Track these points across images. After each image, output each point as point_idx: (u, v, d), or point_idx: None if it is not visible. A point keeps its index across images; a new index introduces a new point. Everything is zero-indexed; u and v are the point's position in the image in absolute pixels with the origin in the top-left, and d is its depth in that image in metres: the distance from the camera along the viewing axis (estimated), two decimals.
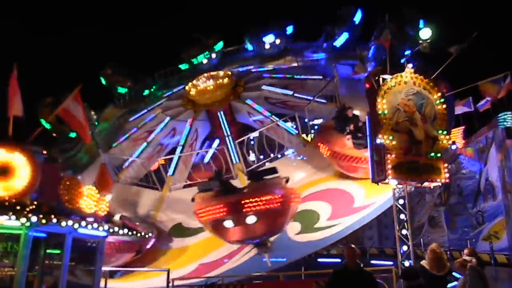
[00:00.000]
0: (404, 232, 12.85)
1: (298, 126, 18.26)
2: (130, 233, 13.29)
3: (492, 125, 19.57)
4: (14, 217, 8.92)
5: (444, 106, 12.64)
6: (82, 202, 10.35)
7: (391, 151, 12.08)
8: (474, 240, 19.83)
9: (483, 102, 20.07)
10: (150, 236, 15.57)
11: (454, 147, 20.47)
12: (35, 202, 9.28)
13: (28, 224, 8.99)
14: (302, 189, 15.84)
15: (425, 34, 13.18)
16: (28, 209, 9.05)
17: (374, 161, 12.42)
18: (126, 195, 18.82)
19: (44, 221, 9.06)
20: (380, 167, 12.23)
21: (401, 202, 13.08)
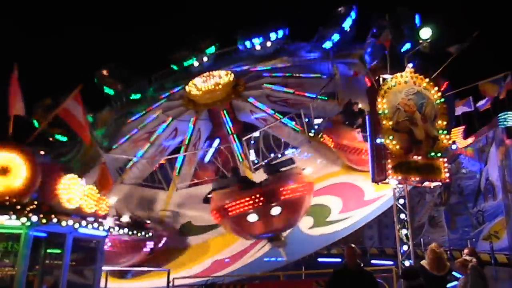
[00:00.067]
0: (404, 232, 12.84)
1: (303, 123, 18.26)
2: (130, 232, 13.28)
3: (492, 124, 19.59)
4: (14, 216, 8.93)
5: (444, 104, 12.65)
6: (83, 201, 10.36)
7: (391, 151, 12.08)
8: (474, 239, 19.85)
9: (483, 102, 20.09)
10: (150, 236, 15.46)
11: (454, 147, 20.51)
12: (36, 202, 9.28)
13: (28, 223, 9.00)
14: None
15: (425, 33, 13.12)
16: (28, 208, 9.05)
17: (374, 160, 12.43)
18: (132, 196, 18.77)
19: (44, 220, 9.07)
20: (380, 167, 12.22)
21: (401, 201, 13.07)
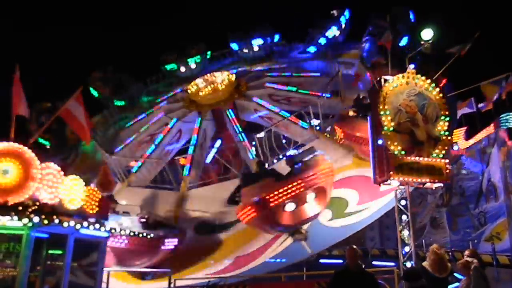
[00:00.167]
0: (406, 233, 12.84)
1: (311, 120, 18.32)
2: (132, 233, 13.29)
3: (494, 126, 19.56)
4: (16, 217, 8.93)
5: (443, 99, 12.70)
6: (84, 202, 10.35)
7: (393, 152, 12.07)
8: (476, 241, 19.82)
9: (485, 103, 20.05)
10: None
11: (456, 148, 20.50)
12: (37, 203, 9.28)
13: (30, 224, 9.00)
14: None
15: (426, 35, 13.12)
16: (30, 209, 9.05)
17: (376, 162, 12.41)
18: (141, 198, 18.69)
19: (46, 221, 9.07)
20: (381, 168, 12.21)
21: (403, 203, 13.06)
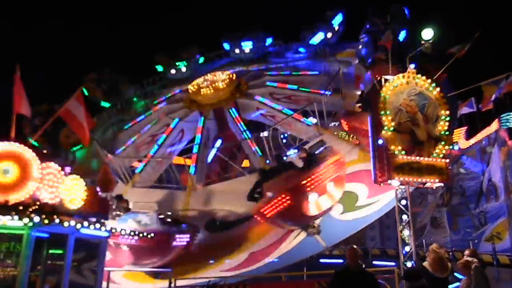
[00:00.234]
0: (406, 232, 12.85)
1: (317, 117, 18.40)
2: (133, 233, 13.29)
3: (497, 122, 19.52)
4: (16, 217, 8.92)
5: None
6: (84, 202, 10.35)
7: (393, 152, 12.08)
8: (476, 241, 19.83)
9: (482, 104, 20.04)
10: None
11: (456, 148, 20.50)
12: (38, 202, 9.29)
13: (30, 224, 9.00)
14: None
15: (427, 34, 13.12)
16: (30, 209, 9.04)
17: (376, 161, 12.42)
18: (147, 198, 18.66)
19: (46, 221, 9.06)
20: (382, 168, 12.23)
21: (403, 202, 13.08)
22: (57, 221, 9.23)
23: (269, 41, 24.66)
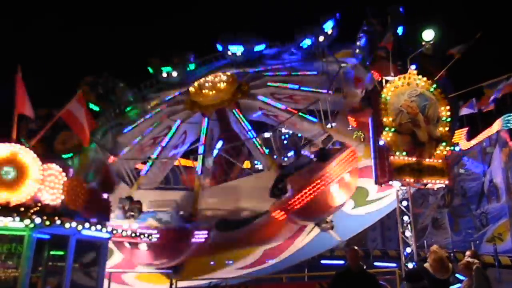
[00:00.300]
0: (407, 234, 12.84)
1: (321, 115, 18.43)
2: (134, 234, 13.29)
3: (500, 121, 19.46)
4: (18, 218, 8.95)
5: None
6: (86, 203, 10.36)
7: (394, 153, 12.07)
8: (478, 242, 19.80)
9: (478, 103, 20.00)
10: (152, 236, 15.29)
11: (457, 149, 20.46)
12: (39, 204, 9.31)
13: (32, 225, 9.02)
14: None
15: (428, 35, 13.12)
16: (32, 210, 9.07)
17: (377, 162, 12.41)
18: (154, 200, 18.61)
19: (47, 222, 9.08)
20: (383, 169, 12.21)
21: (404, 204, 13.07)
22: (58, 222, 9.25)
23: (259, 47, 24.59)
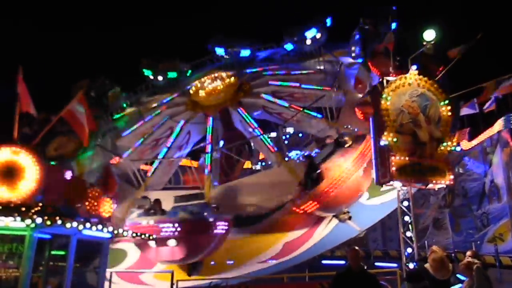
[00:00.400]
0: (408, 234, 12.84)
1: (327, 112, 18.47)
2: (134, 234, 13.30)
3: (503, 121, 19.44)
4: (19, 218, 8.95)
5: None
6: (87, 203, 10.39)
7: (395, 153, 12.06)
8: (479, 242, 19.78)
9: (488, 103, 20.02)
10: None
11: (458, 149, 20.45)
12: (40, 204, 9.32)
13: (33, 225, 9.02)
14: None
15: (429, 36, 13.11)
16: (33, 210, 9.08)
17: (378, 162, 12.40)
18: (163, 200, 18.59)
19: (49, 222, 9.09)
20: (384, 169, 12.20)
21: (405, 204, 13.06)
22: (59, 222, 9.25)
23: (244, 52, 24.51)
